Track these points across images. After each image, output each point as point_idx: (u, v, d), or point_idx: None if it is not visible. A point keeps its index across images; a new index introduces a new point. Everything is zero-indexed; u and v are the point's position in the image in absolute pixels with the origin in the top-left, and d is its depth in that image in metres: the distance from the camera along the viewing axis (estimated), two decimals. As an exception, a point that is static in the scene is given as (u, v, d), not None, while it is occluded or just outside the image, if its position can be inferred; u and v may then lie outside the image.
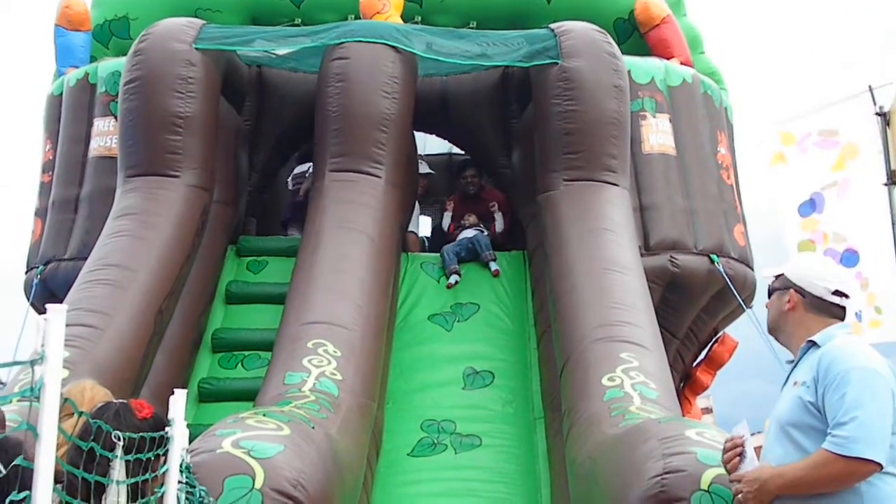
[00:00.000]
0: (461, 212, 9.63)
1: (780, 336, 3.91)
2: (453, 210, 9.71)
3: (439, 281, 8.77)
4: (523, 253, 9.03)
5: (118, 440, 2.82)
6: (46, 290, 8.90)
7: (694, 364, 9.86)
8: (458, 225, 9.47)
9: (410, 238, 9.54)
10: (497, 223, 9.48)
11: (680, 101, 9.31)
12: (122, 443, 2.83)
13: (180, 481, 3.45)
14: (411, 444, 7.42)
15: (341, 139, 8.28)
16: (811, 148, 10.40)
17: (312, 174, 8.74)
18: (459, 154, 11.26)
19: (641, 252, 8.25)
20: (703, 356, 9.92)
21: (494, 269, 8.79)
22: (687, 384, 9.87)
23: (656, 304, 7.92)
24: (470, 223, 9.41)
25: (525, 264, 8.93)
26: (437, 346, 8.23)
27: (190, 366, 8.08)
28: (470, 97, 10.06)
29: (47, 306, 2.24)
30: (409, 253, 9.12)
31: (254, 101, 9.90)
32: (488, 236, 9.23)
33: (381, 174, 8.26)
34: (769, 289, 3.97)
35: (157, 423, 3.18)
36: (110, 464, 2.80)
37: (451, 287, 8.73)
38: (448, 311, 8.51)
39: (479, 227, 9.38)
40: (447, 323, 8.42)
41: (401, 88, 8.40)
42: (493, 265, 8.82)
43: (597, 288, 7.31)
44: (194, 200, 8.12)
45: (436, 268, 8.90)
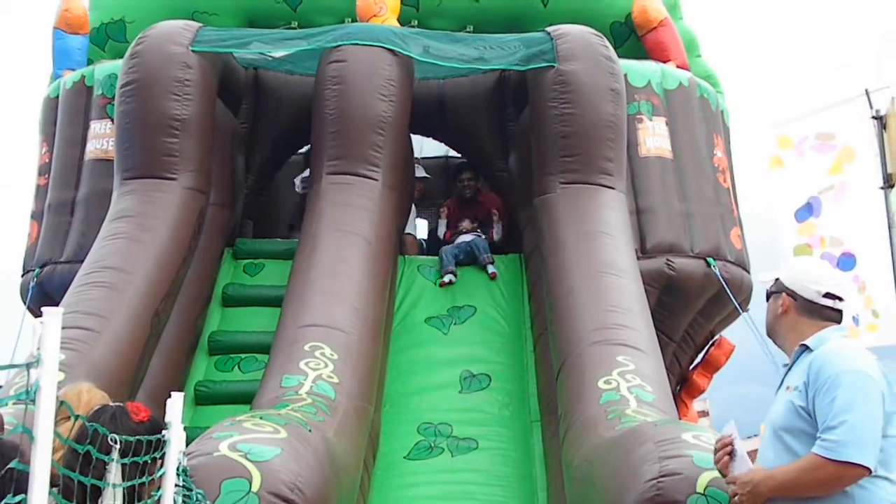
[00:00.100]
0: (457, 216, 9.60)
1: (776, 339, 3.92)
2: (448, 216, 9.68)
3: (436, 283, 8.77)
4: (520, 256, 9.02)
5: (114, 443, 2.82)
6: (43, 293, 8.89)
7: (690, 367, 9.86)
8: (455, 232, 9.44)
9: (408, 240, 9.53)
10: (495, 231, 9.45)
11: (676, 105, 9.32)
12: (119, 446, 2.83)
13: (177, 484, 3.45)
14: (408, 448, 7.42)
15: (338, 142, 8.27)
16: (808, 151, 10.41)
17: (309, 177, 8.73)
18: (456, 157, 11.25)
19: (638, 255, 8.25)
20: (700, 359, 9.91)
21: (491, 272, 8.79)
22: (683, 387, 9.87)
23: (653, 308, 7.93)
24: (466, 229, 9.38)
25: (522, 267, 8.93)
26: (434, 349, 8.22)
27: (186, 368, 8.07)
28: (467, 100, 10.06)
29: (43, 309, 2.25)
30: (407, 256, 9.11)
31: (250, 104, 9.89)
32: (486, 240, 9.22)
33: (378, 177, 8.26)
34: (766, 292, 3.98)
35: (154, 427, 3.18)
36: (106, 467, 2.80)
37: (444, 286, 8.72)
38: (445, 314, 8.51)
39: (477, 232, 9.37)
40: (444, 326, 8.41)
41: (397, 91, 8.40)
42: (491, 268, 8.82)
43: (593, 291, 7.31)
44: (191, 203, 8.11)
45: (433, 271, 8.89)
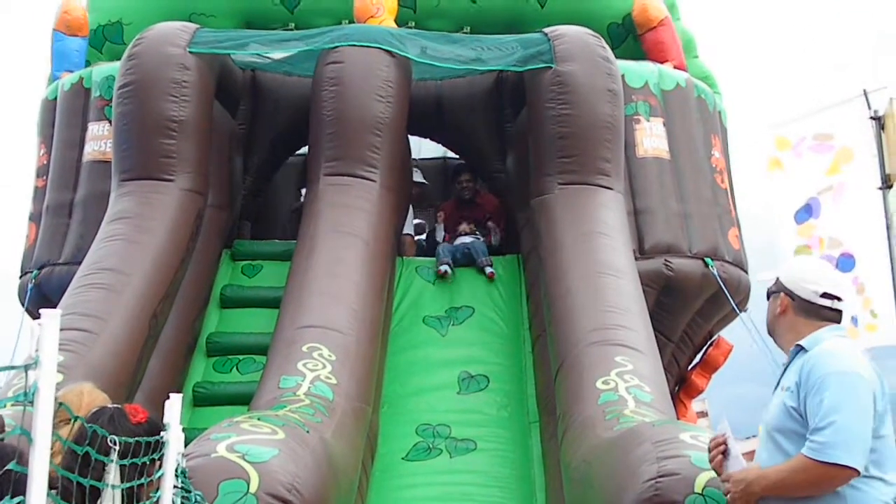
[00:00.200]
0: (456, 218, 9.59)
1: (776, 339, 3.92)
2: (446, 219, 9.66)
3: (434, 284, 8.77)
4: (518, 257, 9.01)
5: (113, 444, 2.82)
6: (41, 295, 8.89)
7: (689, 368, 9.87)
8: (454, 234, 9.40)
9: (406, 240, 9.52)
10: (493, 237, 9.42)
11: (674, 105, 9.33)
12: (118, 447, 2.83)
13: (176, 486, 3.45)
14: (406, 449, 7.42)
15: (336, 143, 8.27)
16: (806, 152, 10.42)
17: (307, 178, 8.73)
18: (454, 158, 11.25)
19: (636, 256, 8.26)
20: (698, 360, 9.92)
21: (489, 272, 8.78)
22: (682, 388, 9.87)
23: (651, 308, 7.93)
24: (465, 232, 9.37)
25: (520, 268, 8.92)
26: (432, 350, 8.22)
27: (184, 370, 8.06)
28: (464, 101, 10.06)
29: (41, 311, 2.25)
30: (405, 257, 9.11)
31: (248, 105, 9.89)
32: (484, 242, 9.21)
33: (376, 178, 8.26)
34: (766, 291, 3.98)
35: (152, 428, 3.18)
36: (105, 468, 2.80)
37: (441, 274, 8.72)
38: (443, 315, 8.51)
39: (476, 234, 9.35)
40: (442, 326, 8.41)
41: (395, 92, 8.40)
42: (489, 269, 8.80)
43: (591, 292, 7.31)
44: (188, 204, 8.11)
45: (431, 271, 8.88)
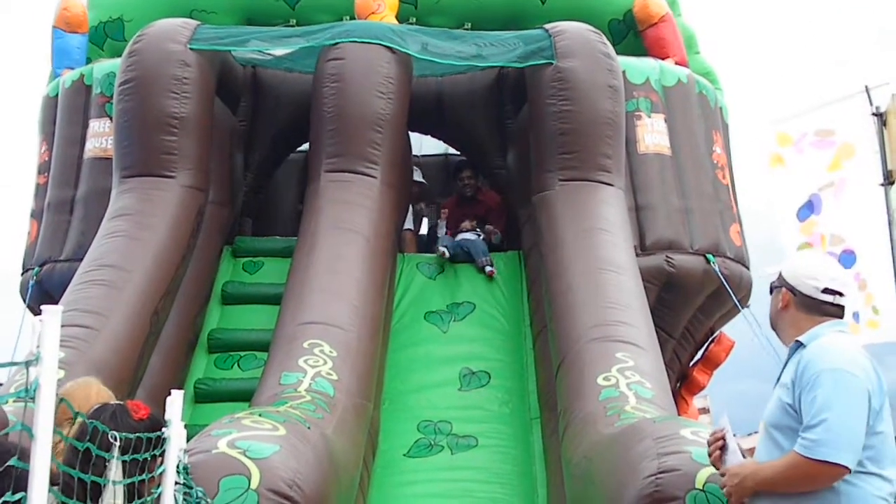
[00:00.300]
0: (457, 215, 9.59)
1: (779, 334, 3.92)
2: (448, 216, 9.65)
3: (435, 280, 8.76)
4: (519, 253, 9.02)
5: (115, 441, 2.82)
6: (42, 292, 8.89)
7: (690, 364, 9.87)
8: (455, 231, 9.40)
9: (407, 236, 9.52)
10: (494, 237, 9.40)
11: (675, 101, 9.32)
12: (119, 443, 2.83)
13: (177, 482, 3.45)
14: (408, 445, 7.42)
15: (336, 140, 8.27)
16: (807, 148, 10.39)
17: (308, 175, 8.73)
18: (455, 155, 11.25)
19: (637, 252, 8.26)
20: (700, 356, 9.92)
21: (489, 271, 8.76)
22: (684, 384, 9.88)
23: (652, 304, 7.93)
24: (467, 229, 9.36)
25: (521, 264, 8.92)
26: (434, 347, 8.23)
27: (186, 366, 8.07)
28: (465, 98, 10.06)
29: (43, 308, 2.25)
30: (406, 253, 9.11)
31: (249, 102, 9.88)
32: (485, 240, 9.20)
33: (377, 174, 8.26)
34: (769, 286, 3.97)
35: (154, 424, 3.18)
36: (107, 464, 2.81)
37: (443, 256, 8.77)
38: (444, 311, 8.51)
39: (477, 231, 9.35)
40: (443, 323, 8.41)
41: (396, 89, 8.39)
42: (489, 268, 8.79)
43: (592, 288, 7.31)
44: (189, 201, 8.11)
45: (432, 268, 8.89)
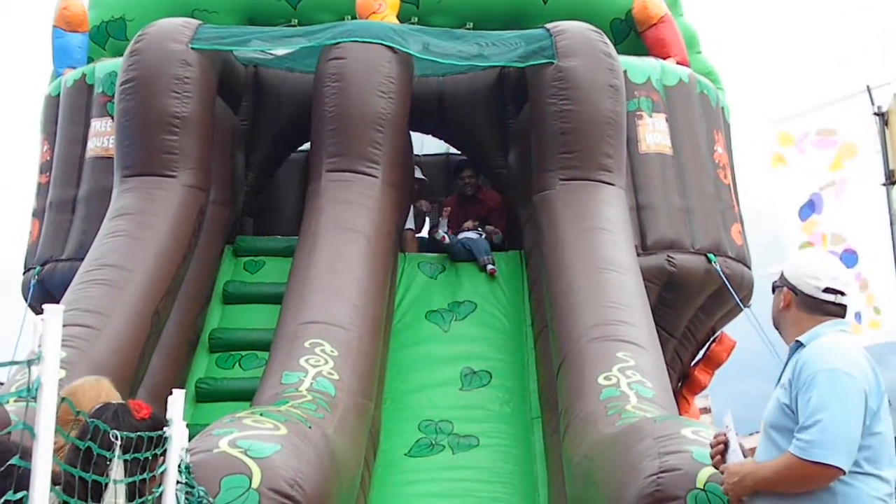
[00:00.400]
0: (459, 215, 9.59)
1: (781, 333, 3.92)
2: (450, 214, 9.65)
3: (437, 279, 8.77)
4: (520, 252, 9.02)
5: (116, 440, 2.82)
6: (44, 291, 8.90)
7: (692, 364, 9.87)
8: (457, 231, 9.38)
9: (408, 235, 9.52)
10: (495, 237, 9.38)
11: (676, 101, 9.32)
12: (121, 443, 2.84)
13: (179, 481, 3.45)
14: (409, 445, 7.43)
15: (338, 139, 8.27)
16: (809, 148, 10.38)
17: (309, 174, 8.73)
18: (456, 154, 11.25)
19: (638, 251, 8.26)
20: (701, 356, 9.91)
21: (490, 269, 8.77)
22: (685, 384, 9.87)
23: (654, 304, 7.93)
24: (468, 228, 9.36)
25: (522, 264, 8.93)
26: (435, 346, 8.23)
27: (187, 366, 8.08)
28: (467, 97, 10.06)
29: (44, 307, 2.25)
30: (407, 252, 9.11)
31: (250, 101, 9.89)
32: (486, 239, 9.20)
33: (378, 174, 8.26)
34: (772, 286, 3.98)
35: (156, 424, 3.19)
36: (108, 464, 2.81)
37: (442, 241, 8.85)
38: (445, 310, 8.51)
39: (479, 231, 9.35)
40: (444, 322, 8.42)
41: (397, 88, 8.39)
42: (490, 267, 8.79)
43: (593, 287, 7.31)
44: (191, 200, 8.11)
45: (433, 267, 8.90)
